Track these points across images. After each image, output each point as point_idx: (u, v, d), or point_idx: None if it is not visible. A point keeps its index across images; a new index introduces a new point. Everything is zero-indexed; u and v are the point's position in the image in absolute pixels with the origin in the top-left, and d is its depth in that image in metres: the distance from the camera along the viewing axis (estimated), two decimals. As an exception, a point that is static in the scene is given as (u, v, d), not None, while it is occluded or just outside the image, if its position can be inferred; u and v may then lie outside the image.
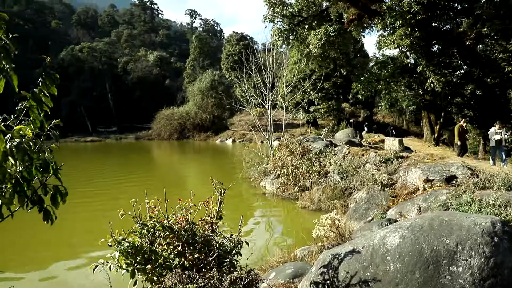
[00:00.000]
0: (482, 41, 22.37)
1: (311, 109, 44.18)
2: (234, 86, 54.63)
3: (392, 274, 3.62)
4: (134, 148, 44.79)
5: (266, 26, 69.80)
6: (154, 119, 57.81)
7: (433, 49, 23.03)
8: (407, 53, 22.26)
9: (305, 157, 14.86)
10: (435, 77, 20.16)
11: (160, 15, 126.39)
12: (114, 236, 3.34)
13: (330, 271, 3.94)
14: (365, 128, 38.48)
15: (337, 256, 4.04)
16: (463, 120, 15.76)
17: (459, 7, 22.86)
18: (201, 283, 2.93)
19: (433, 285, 3.47)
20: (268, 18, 24.22)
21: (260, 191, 15.90)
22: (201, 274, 3.06)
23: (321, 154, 15.24)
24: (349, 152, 15.01)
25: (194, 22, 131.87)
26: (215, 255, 3.40)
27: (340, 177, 12.87)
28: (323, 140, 18.31)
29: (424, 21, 20.62)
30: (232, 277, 2.98)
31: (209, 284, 2.92)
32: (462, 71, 24.42)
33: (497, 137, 13.42)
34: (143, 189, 4.25)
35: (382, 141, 21.88)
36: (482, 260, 3.45)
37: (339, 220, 5.96)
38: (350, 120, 42.77)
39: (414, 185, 9.89)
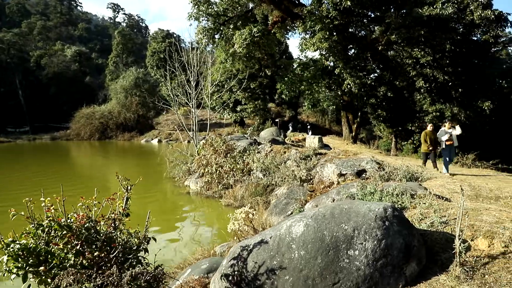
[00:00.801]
0: (392, 47, 24.40)
1: (238, 109, 44.65)
2: (160, 84, 53.25)
3: (297, 261, 3.80)
4: (49, 149, 41.40)
5: (191, 24, 69.01)
6: (73, 118, 54.03)
7: (349, 53, 24.58)
8: (327, 55, 23.49)
9: (229, 156, 14.97)
10: (352, 79, 21.55)
11: (79, 7, 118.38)
12: (2, 238, 3.06)
13: (239, 263, 4.02)
14: (290, 127, 39.96)
15: (246, 247, 4.13)
16: (431, 125, 12.57)
17: (372, 15, 24.71)
18: (99, 281, 2.80)
19: (333, 269, 3.70)
20: (193, 16, 23.98)
21: (184, 191, 15.71)
22: (100, 272, 2.93)
23: (245, 152, 15.46)
24: (271, 150, 15.42)
25: (117, 16, 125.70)
26: (117, 252, 3.27)
27: (262, 174, 13.18)
28: (247, 138, 18.57)
29: (341, 26, 21.91)
30: (133, 273, 2.89)
31: (108, 282, 2.80)
32: (376, 74, 26.46)
33: (445, 137, 11.73)
34: (51, 192, 3.95)
35: (305, 139, 22.83)
36: (375, 242, 3.76)
37: (253, 214, 6.09)
38: (276, 120, 44.08)
39: (329, 179, 10.46)
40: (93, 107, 55.11)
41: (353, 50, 25.09)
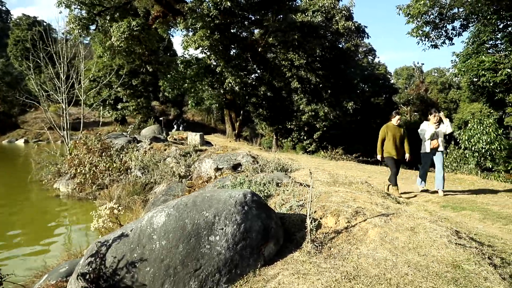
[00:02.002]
0: (270, 50, 25.88)
1: (119, 106, 42.32)
2: (26, 78, 47.18)
3: (158, 251, 3.75)
4: None
5: (61, 11, 62.51)
6: None
7: (231, 53, 25.25)
8: (208, 54, 23.74)
9: (104, 154, 14.09)
10: (233, 78, 22.17)
11: None
12: None
13: (97, 259, 3.81)
14: (175, 126, 39.48)
15: (105, 243, 3.94)
16: (398, 117, 8.05)
17: (253, 18, 25.79)
18: None
19: (195, 256, 3.76)
20: (63, 2, 21.72)
21: (53, 194, 14.26)
22: None
23: (123, 151, 14.74)
24: (151, 148, 14.98)
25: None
26: None
27: (141, 173, 12.73)
28: (126, 136, 17.73)
29: (223, 26, 22.38)
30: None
31: None
32: (256, 75, 27.70)
33: (427, 136, 7.99)
34: None
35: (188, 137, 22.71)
36: (235, 227, 3.93)
37: (118, 210, 5.83)
38: (160, 118, 42.98)
39: (207, 174, 10.59)
40: None
41: (234, 50, 25.83)
